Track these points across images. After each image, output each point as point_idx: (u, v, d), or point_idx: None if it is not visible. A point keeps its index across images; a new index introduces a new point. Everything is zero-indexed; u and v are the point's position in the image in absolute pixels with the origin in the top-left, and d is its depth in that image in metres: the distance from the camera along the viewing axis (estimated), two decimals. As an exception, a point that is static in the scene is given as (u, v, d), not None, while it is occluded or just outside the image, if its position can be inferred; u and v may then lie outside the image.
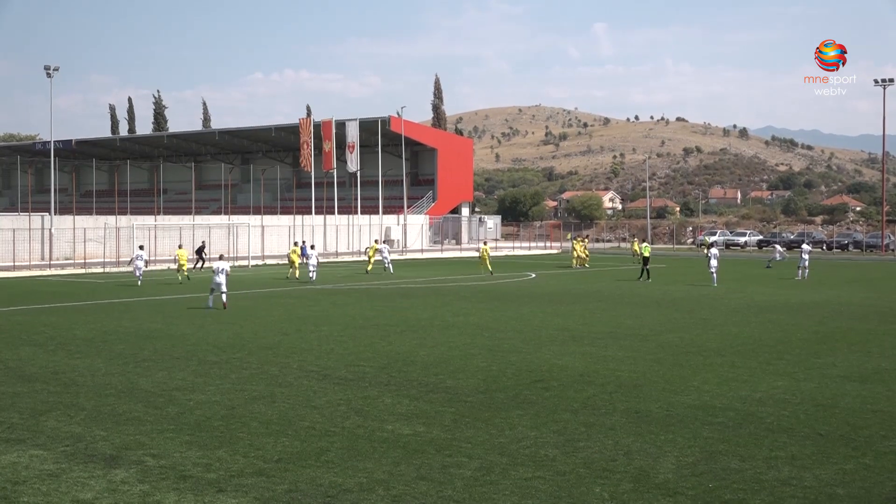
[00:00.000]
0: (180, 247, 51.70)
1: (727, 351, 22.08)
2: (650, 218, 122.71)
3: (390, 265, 55.40)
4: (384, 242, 54.11)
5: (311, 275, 47.33)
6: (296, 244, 55.89)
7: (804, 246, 52.18)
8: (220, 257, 35.81)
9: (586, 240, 67.55)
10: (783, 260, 61.00)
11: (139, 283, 45.78)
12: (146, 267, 49.52)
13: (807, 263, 49.54)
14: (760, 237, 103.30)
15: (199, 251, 61.10)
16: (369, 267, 54.66)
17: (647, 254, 49.45)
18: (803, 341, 23.98)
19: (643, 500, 10.45)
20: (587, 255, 63.11)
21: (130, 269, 48.77)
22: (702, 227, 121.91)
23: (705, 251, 69.86)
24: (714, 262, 43.83)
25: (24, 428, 14.05)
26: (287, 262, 54.84)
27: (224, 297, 32.54)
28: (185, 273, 48.25)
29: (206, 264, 60.17)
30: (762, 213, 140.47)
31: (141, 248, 50.39)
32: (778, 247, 66.74)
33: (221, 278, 32.48)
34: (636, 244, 63.60)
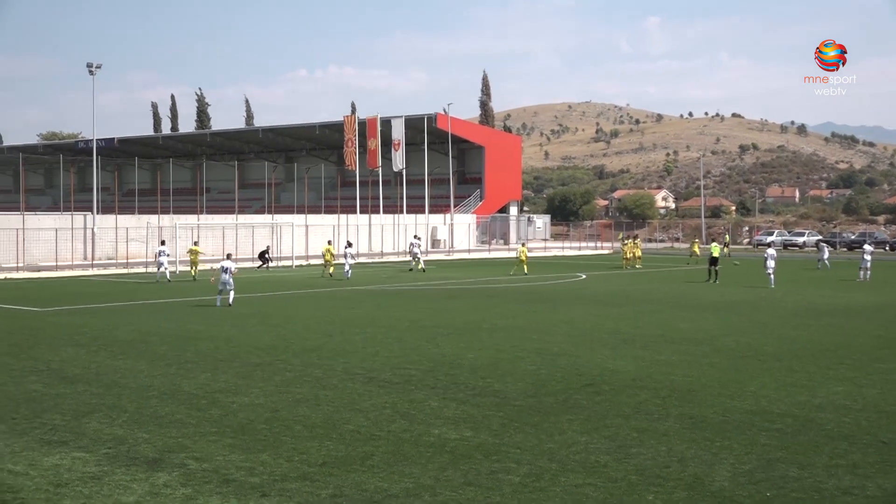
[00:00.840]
0: (195, 243, 54.66)
1: (785, 355, 21.87)
2: (704, 217, 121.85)
3: (349, 271, 50.83)
4: (347, 246, 52.03)
5: (346, 273, 49.45)
6: (329, 242, 56.02)
7: (865, 246, 51.40)
8: (228, 256, 36.19)
9: (637, 240, 67.51)
10: (825, 262, 59.49)
11: (167, 280, 47.12)
12: (171, 266, 50.48)
13: (868, 265, 48.79)
14: (819, 237, 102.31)
15: (263, 254, 61.62)
16: (331, 270, 52.53)
17: (716, 254, 48.91)
18: (865, 346, 23.70)
19: (698, 508, 10.38)
20: (639, 256, 62.99)
21: (159, 268, 49.58)
22: (759, 226, 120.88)
23: (722, 251, 69.93)
24: (771, 263, 43.40)
25: (67, 429, 14.22)
26: (322, 261, 55.13)
27: (231, 296, 33.54)
28: (193, 274, 50.60)
29: (272, 264, 61.14)
30: (821, 213, 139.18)
31: (163, 243, 51.31)
32: (826, 246, 65.60)
33: (228, 277, 33.42)
34: (696, 245, 63.40)
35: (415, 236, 65.30)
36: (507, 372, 19.34)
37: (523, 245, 56.75)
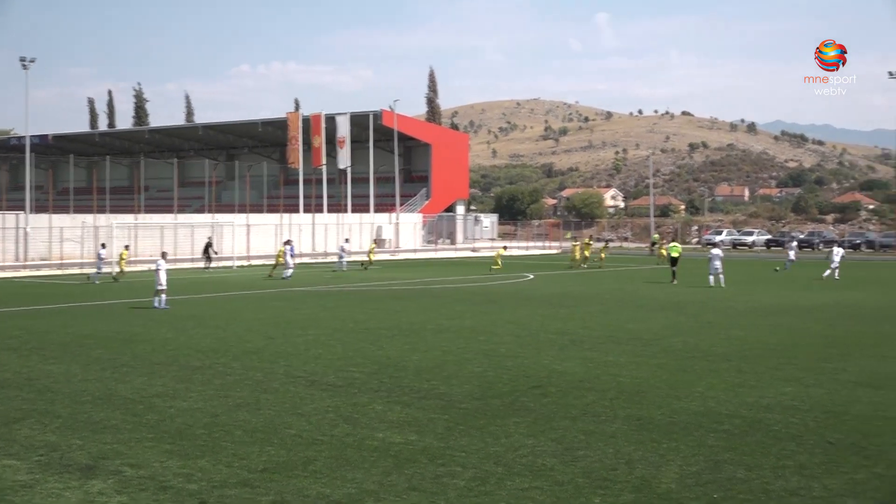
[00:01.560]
0: (126, 247, 54.44)
1: (733, 356, 22.10)
2: (654, 216, 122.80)
3: (290, 271, 50.82)
4: (286, 243, 52.83)
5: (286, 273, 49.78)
6: (285, 243, 55.97)
7: (836, 248, 52.88)
8: (163, 255, 36.08)
9: (589, 240, 68.71)
10: (792, 263, 60.47)
11: (97, 281, 47.26)
12: (107, 268, 50.12)
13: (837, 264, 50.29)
14: (769, 236, 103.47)
15: (207, 247, 61.33)
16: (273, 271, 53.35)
17: (675, 254, 48.83)
18: (813, 345, 24.03)
19: (645, 511, 10.46)
20: (588, 257, 63.73)
21: (93, 269, 50.05)
22: (708, 225, 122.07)
23: (653, 249, 70.60)
24: (717, 263, 43.77)
25: (-3, 436, 14.04)
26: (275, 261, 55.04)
27: (163, 297, 33.45)
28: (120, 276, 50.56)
29: (213, 264, 60.70)
30: (771, 212, 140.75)
31: (103, 246, 50.95)
32: (793, 244, 66.52)
33: (162, 277, 33.42)
34: (663, 248, 63.84)
35: (346, 239, 65.19)
36: (452, 374, 19.37)
37: (504, 248, 58.94)
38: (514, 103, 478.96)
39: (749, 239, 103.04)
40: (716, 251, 44.85)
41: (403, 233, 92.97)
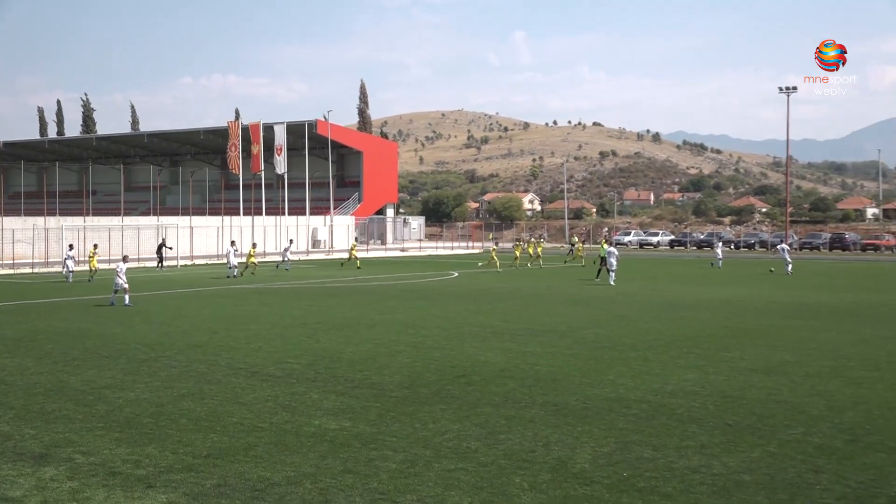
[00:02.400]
0: (95, 246, 52.67)
1: (640, 346, 22.36)
2: (568, 219, 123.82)
3: (235, 270, 51.00)
4: (231, 244, 52.98)
5: (233, 271, 49.97)
6: (254, 245, 56.24)
7: (781, 246, 58.35)
8: (124, 259, 35.70)
9: (533, 240, 70.86)
10: (720, 261, 61.69)
11: (69, 280, 45.53)
12: (76, 266, 48.84)
13: (788, 258, 54.76)
14: (672, 237, 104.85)
15: (160, 247, 60.56)
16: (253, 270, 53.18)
17: (603, 254, 48.55)
18: (712, 336, 24.38)
19: (561, 489, 10.54)
20: (539, 256, 65.02)
21: (62, 269, 48.75)
22: (617, 227, 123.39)
23: (572, 249, 71.37)
24: (613, 261, 44.07)
25: (-47, 427, 13.73)
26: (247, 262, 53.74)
27: (127, 296, 32.94)
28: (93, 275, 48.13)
29: (165, 263, 59.90)
30: (674, 214, 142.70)
31: (71, 247, 49.77)
32: (720, 243, 67.55)
33: (122, 278, 33.14)
34: (525, 246, 64.62)
35: (290, 240, 64.76)
36: (384, 365, 19.34)
37: (496, 245, 62.39)
38: (439, 114, 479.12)
39: (654, 239, 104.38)
40: (611, 249, 45.08)
41: (337, 234, 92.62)
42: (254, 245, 56.70)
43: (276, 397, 15.85)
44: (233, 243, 53.91)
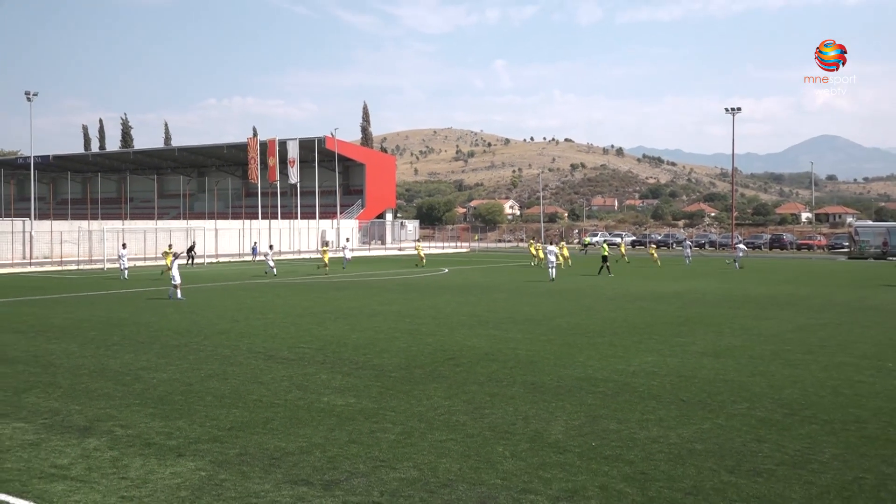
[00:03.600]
0: (170, 246, 50.53)
1: (606, 332, 22.37)
2: (543, 222, 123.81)
3: (274, 269, 48.55)
4: (270, 248, 50.70)
5: (272, 270, 47.81)
6: (325, 244, 55.38)
7: (739, 245, 61.68)
8: (176, 257, 35.19)
9: (561, 243, 66.57)
10: (689, 258, 62.02)
11: (125, 276, 44.97)
12: (129, 264, 48.58)
13: (740, 255, 57.89)
14: (633, 238, 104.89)
15: (190, 249, 60.23)
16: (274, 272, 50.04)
17: (605, 252, 48.76)
18: (668, 324, 24.41)
19: (538, 456, 10.53)
20: (537, 254, 61.01)
21: (117, 265, 48.50)
22: (586, 229, 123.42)
23: (582, 249, 70.49)
24: (552, 258, 43.41)
25: (8, 403, 13.67)
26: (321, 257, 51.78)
27: (178, 291, 32.22)
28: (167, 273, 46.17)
29: (197, 261, 59.37)
30: (635, 218, 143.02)
31: (124, 246, 49.58)
32: (689, 243, 67.67)
33: (176, 273, 32.42)
34: (534, 246, 61.08)
35: (270, 246, 63.81)
36: (383, 349, 19.32)
37: (536, 243, 61.56)
38: (431, 131, 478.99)
39: (618, 240, 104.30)
40: (551, 248, 44.63)
41: (343, 235, 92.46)
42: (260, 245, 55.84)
43: (290, 377, 15.81)
44: (271, 247, 53.91)
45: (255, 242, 71.42)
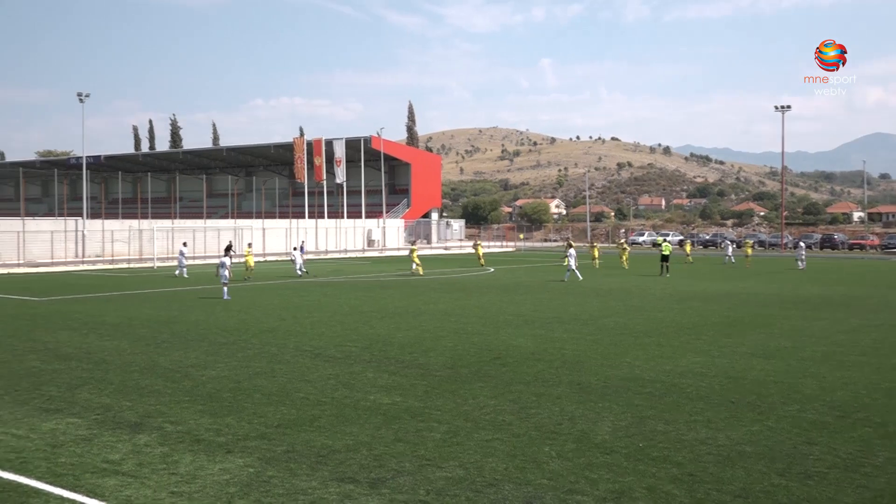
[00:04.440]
0: (249, 245, 49.16)
1: (653, 332, 22.20)
2: (589, 221, 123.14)
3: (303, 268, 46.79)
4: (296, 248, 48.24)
5: (300, 270, 46.05)
6: (412, 242, 54.62)
7: (800, 244, 58.31)
8: (227, 251, 35.28)
9: (623, 241, 64.72)
10: (730, 258, 61.36)
11: (184, 274, 45.45)
12: (188, 262, 49.18)
13: (803, 256, 55.47)
14: (681, 237, 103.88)
15: (227, 249, 60.55)
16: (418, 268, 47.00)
17: (666, 252, 47.02)
18: (717, 325, 24.15)
19: (584, 457, 10.48)
20: (598, 255, 57.31)
21: (175, 263, 49.39)
22: (633, 228, 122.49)
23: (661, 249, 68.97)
24: (572, 262, 42.74)
25: (62, 399, 13.92)
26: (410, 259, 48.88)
27: (226, 289, 32.43)
28: (249, 272, 44.29)
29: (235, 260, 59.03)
30: (682, 217, 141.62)
31: (184, 244, 50.23)
32: (730, 244, 66.93)
33: (225, 272, 32.42)
34: (596, 249, 57.68)
35: (302, 242, 63.17)
36: (429, 348, 19.35)
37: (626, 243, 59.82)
38: (476, 130, 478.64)
39: (662, 239, 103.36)
40: (571, 251, 43.84)
41: (389, 234, 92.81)
42: (249, 245, 52.70)
43: (337, 376, 15.90)
44: (296, 248, 53.89)
45: (303, 241, 71.91)
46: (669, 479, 9.62)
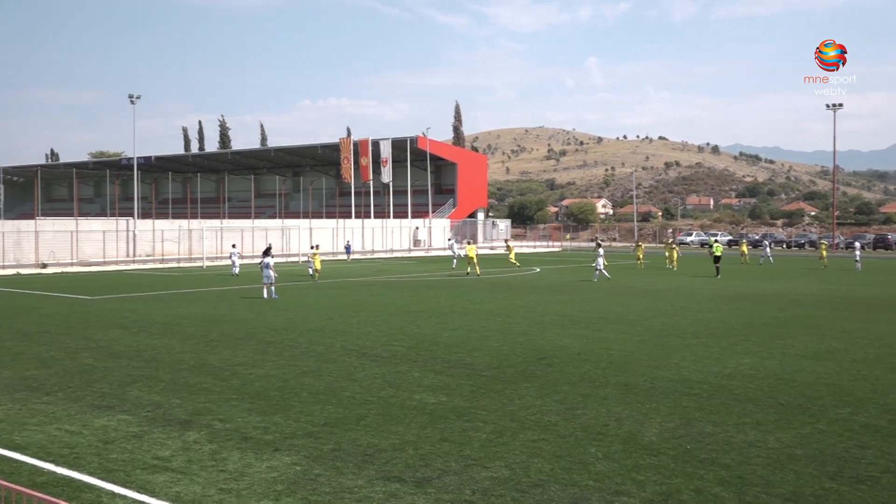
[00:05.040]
0: (316, 247, 46.86)
1: (702, 333, 21.98)
2: (636, 221, 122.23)
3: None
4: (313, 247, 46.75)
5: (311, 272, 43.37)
6: (469, 242, 54.39)
7: (857, 244, 57.95)
8: (267, 251, 34.91)
9: (672, 242, 63.03)
10: (766, 258, 60.51)
11: (235, 274, 45.91)
12: (241, 260, 49.87)
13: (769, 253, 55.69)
14: (730, 237, 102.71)
15: (266, 252, 60.90)
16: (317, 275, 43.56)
17: (718, 253, 46.08)
18: (766, 325, 23.84)
19: (631, 458, 10.41)
20: (677, 258, 55.07)
21: (229, 262, 50.31)
22: (680, 228, 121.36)
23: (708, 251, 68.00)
24: (600, 261, 42.47)
25: (113, 396, 14.15)
26: (467, 259, 47.19)
27: (273, 288, 32.54)
28: (317, 274, 42.92)
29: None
30: (731, 217, 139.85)
31: (234, 246, 50.95)
32: (767, 242, 66.11)
33: (270, 272, 32.48)
34: (674, 251, 54.41)
35: (315, 245, 62.08)
36: (475, 348, 19.35)
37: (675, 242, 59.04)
38: (522, 130, 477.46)
39: (713, 239, 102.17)
40: (600, 251, 43.31)
41: (435, 234, 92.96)
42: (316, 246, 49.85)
43: (383, 375, 15.97)
44: (314, 246, 54.17)
45: (348, 241, 72.35)
46: (717, 482, 9.51)
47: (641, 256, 55.27)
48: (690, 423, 12.22)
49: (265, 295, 32.25)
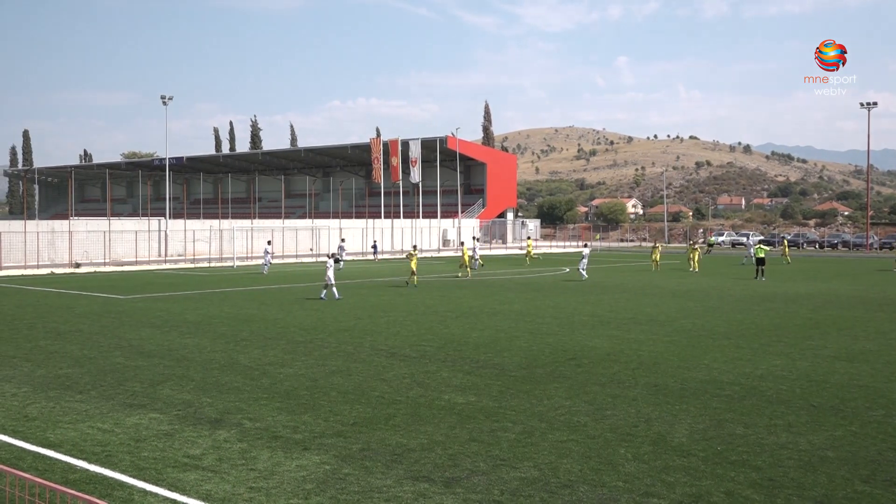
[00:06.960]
0: (414, 247, 42.64)
1: (733, 334, 21.81)
2: (667, 221, 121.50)
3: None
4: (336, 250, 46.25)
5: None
6: (462, 244, 54.28)
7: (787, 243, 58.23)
8: (331, 256, 34.82)
9: (692, 243, 59.39)
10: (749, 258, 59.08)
11: (265, 273, 46.74)
12: (273, 260, 50.16)
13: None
14: (761, 237, 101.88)
15: (333, 255, 60.53)
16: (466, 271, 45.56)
17: (761, 255, 44.85)
18: (798, 326, 23.62)
19: (661, 460, 10.36)
20: (699, 259, 53.70)
21: (262, 261, 50.66)
22: (711, 228, 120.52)
23: (707, 249, 67.18)
24: (584, 262, 42.50)
25: (145, 395, 14.27)
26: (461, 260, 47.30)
27: (334, 289, 31.98)
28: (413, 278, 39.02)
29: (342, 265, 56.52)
30: (763, 217, 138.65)
31: (269, 243, 51.25)
32: (752, 244, 65.21)
33: (330, 273, 32.25)
34: (657, 251, 53.24)
35: (316, 247, 60.79)
36: (504, 348, 19.33)
37: (697, 244, 55.73)
38: (552, 130, 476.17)
39: (744, 239, 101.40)
40: (586, 251, 43.16)
41: (464, 234, 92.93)
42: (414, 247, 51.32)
43: (412, 375, 15.99)
44: (413, 247, 54.07)
45: (375, 241, 72.49)
46: (748, 484, 9.44)
47: (657, 258, 52.61)
48: (721, 424, 12.14)
49: (336, 295, 31.63)
